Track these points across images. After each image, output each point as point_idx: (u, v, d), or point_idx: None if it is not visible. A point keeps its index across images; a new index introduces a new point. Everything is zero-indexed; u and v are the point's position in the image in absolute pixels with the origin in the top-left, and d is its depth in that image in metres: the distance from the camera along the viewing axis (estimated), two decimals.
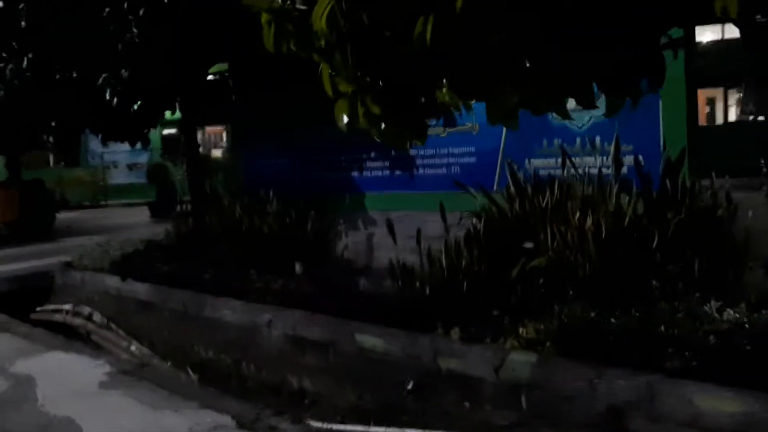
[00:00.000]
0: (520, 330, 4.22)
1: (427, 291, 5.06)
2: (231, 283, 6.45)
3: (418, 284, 5.25)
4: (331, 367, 4.92)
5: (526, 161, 5.44)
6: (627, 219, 4.18)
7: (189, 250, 7.66)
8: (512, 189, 5.14)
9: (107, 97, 6.71)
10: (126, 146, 8.92)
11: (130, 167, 21.49)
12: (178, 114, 8.58)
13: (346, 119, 2.84)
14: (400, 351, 4.44)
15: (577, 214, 4.48)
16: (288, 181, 7.86)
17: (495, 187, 5.69)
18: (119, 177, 21.31)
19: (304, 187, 7.66)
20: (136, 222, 13.79)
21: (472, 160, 5.92)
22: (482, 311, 4.59)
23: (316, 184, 7.55)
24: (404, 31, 2.45)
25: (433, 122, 6.78)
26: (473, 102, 2.82)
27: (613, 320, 3.87)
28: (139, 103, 7.81)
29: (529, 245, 4.66)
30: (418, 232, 5.48)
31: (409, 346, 4.41)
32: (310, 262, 7.10)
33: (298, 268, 7.14)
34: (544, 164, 5.37)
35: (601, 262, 4.22)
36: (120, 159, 21.09)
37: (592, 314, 4.05)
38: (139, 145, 8.56)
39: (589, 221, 4.24)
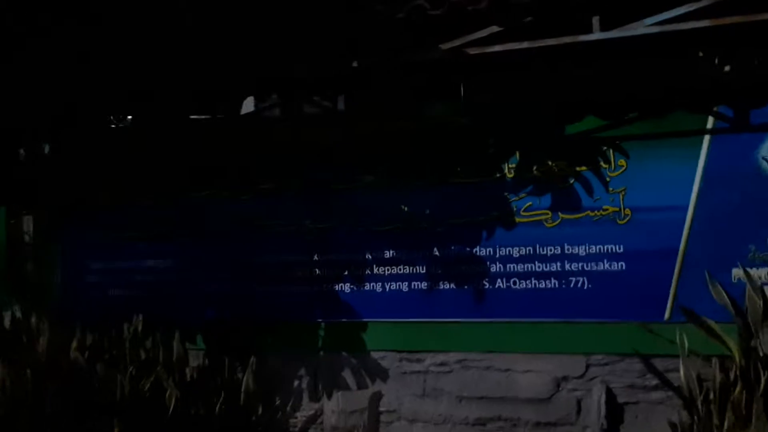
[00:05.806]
0: None
1: None
2: None
3: None
4: None
5: (733, 273, 3.34)
6: None
7: None
8: None
9: None
10: None
11: None
12: None
13: None
14: None
15: None
16: (171, 298, 4.47)
17: (668, 314, 3.43)
18: None
19: (213, 310, 4.37)
20: None
21: (616, 267, 3.54)
22: None
23: (237, 304, 4.32)
24: None
25: (526, 201, 4.19)
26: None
27: None
28: None
29: None
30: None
31: None
32: None
33: None
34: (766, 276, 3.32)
35: None
36: None
37: None
38: None
39: None
